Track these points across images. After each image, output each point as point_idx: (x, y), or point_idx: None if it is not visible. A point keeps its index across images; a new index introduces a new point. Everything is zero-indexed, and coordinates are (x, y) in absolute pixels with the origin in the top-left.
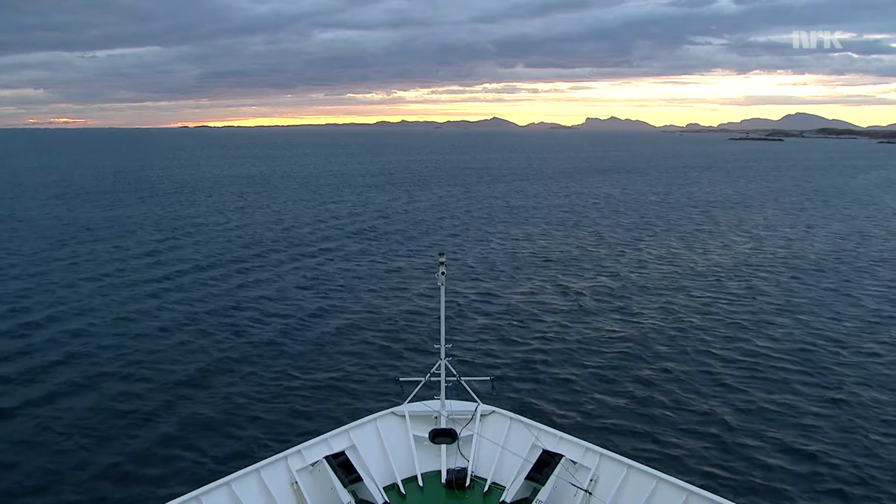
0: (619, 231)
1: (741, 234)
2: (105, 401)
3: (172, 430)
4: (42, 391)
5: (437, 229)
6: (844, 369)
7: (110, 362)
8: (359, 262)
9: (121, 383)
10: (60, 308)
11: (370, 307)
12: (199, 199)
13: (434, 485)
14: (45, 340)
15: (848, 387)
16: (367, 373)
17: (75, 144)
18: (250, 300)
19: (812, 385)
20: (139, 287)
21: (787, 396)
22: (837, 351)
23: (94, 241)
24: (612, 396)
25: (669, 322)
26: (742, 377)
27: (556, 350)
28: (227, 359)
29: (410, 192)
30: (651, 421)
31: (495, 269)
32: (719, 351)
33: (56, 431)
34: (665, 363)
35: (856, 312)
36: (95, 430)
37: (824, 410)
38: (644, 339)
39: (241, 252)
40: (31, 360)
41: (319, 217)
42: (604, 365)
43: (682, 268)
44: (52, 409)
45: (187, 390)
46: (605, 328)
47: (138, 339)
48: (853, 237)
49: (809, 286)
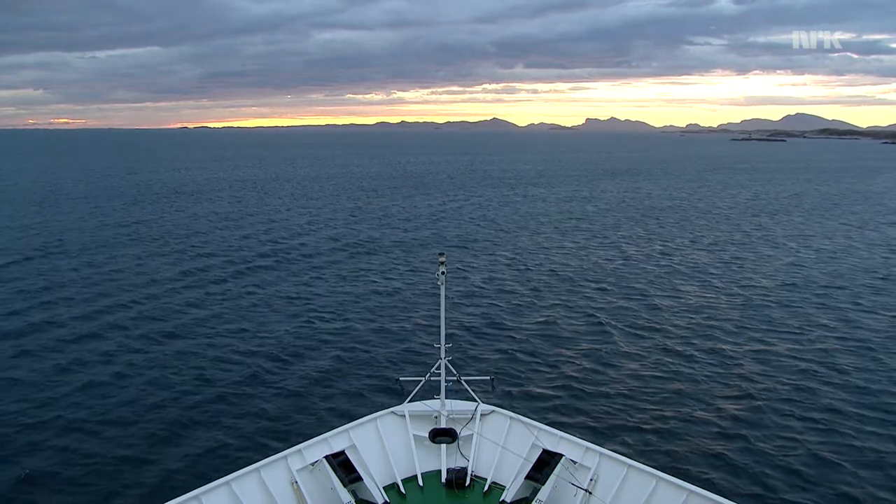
0: (611, 232)
1: (772, 245)
2: (105, 401)
3: (173, 429)
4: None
5: (438, 229)
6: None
7: (110, 363)
8: (359, 263)
9: (121, 383)
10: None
11: (370, 307)
12: (223, 198)
13: (434, 484)
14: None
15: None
16: (367, 373)
17: (73, 145)
18: (251, 301)
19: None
20: (139, 286)
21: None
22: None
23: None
24: (613, 396)
25: (673, 323)
26: (744, 377)
27: (557, 350)
28: (227, 359)
29: (411, 196)
30: (651, 421)
31: (495, 269)
32: (728, 348)
33: (56, 431)
34: (665, 364)
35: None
36: (95, 430)
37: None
38: (645, 339)
39: (241, 252)
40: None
41: (319, 217)
42: (604, 365)
43: (688, 266)
44: (51, 409)
45: (187, 390)
46: (605, 327)
47: (138, 340)
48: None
49: (858, 308)
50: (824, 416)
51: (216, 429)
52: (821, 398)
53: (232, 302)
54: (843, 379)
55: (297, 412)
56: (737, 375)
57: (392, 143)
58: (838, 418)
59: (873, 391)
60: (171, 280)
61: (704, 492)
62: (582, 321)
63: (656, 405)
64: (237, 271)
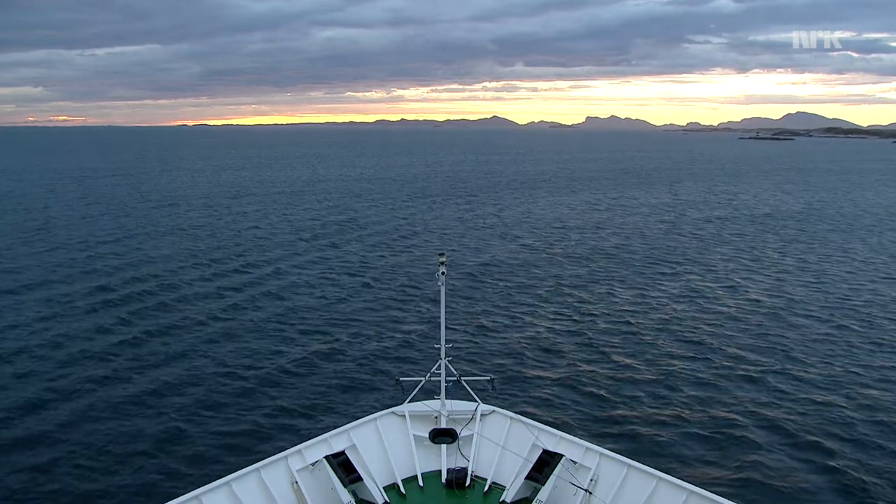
0: (603, 234)
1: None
2: (104, 401)
3: (172, 429)
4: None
5: (438, 231)
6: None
7: (110, 362)
8: (358, 263)
9: (120, 383)
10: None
11: (370, 307)
12: (221, 203)
13: (434, 484)
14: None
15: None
16: (367, 373)
17: (70, 143)
18: (250, 301)
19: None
20: (141, 283)
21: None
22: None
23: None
24: (613, 396)
25: (676, 323)
26: (757, 377)
27: (557, 350)
28: (227, 359)
29: (410, 196)
30: (651, 420)
31: (496, 269)
32: (735, 350)
33: (54, 432)
34: (667, 363)
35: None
36: (94, 430)
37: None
38: (646, 339)
39: (240, 253)
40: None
41: (317, 217)
42: (605, 365)
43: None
44: (49, 410)
45: (188, 390)
46: (606, 328)
47: (138, 339)
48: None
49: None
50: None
51: (216, 429)
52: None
53: (232, 302)
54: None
55: (297, 412)
56: (749, 382)
57: (394, 142)
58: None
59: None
60: (170, 280)
61: (704, 492)
62: (582, 321)
63: (656, 405)
64: (235, 270)
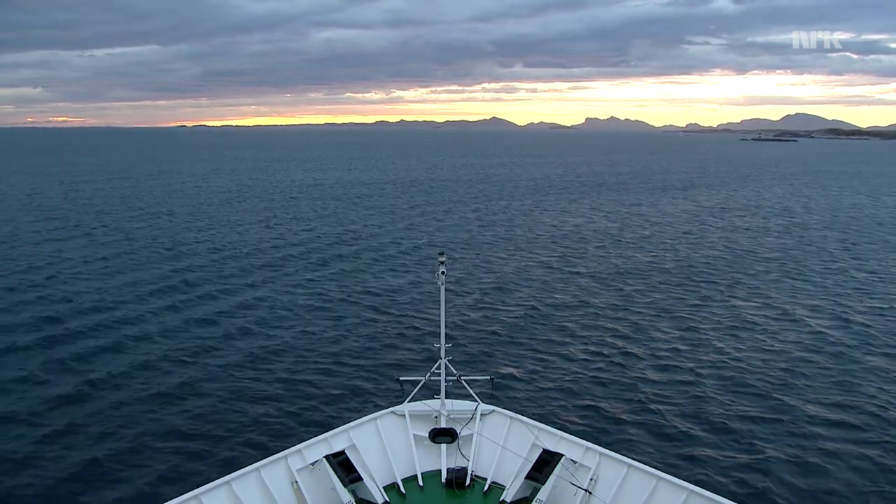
0: (600, 232)
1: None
2: (104, 401)
3: (173, 429)
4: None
5: (439, 230)
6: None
7: (109, 362)
8: (357, 263)
9: (120, 383)
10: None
11: (370, 307)
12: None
13: (434, 484)
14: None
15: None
16: (367, 373)
17: (70, 144)
18: (251, 302)
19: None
20: (143, 283)
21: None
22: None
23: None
24: (613, 396)
25: (677, 323)
26: (754, 378)
27: (558, 350)
28: (227, 359)
29: (409, 196)
30: (652, 420)
31: (496, 270)
32: (733, 352)
33: (53, 432)
34: (668, 362)
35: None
36: (94, 429)
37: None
38: (647, 340)
39: (241, 253)
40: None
41: (316, 217)
42: (605, 365)
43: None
44: (49, 411)
45: (188, 389)
46: (606, 329)
47: (137, 340)
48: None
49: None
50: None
51: (216, 429)
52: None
53: (231, 302)
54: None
55: (297, 412)
56: (751, 380)
57: (393, 142)
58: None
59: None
60: (169, 279)
61: (704, 492)
62: (583, 321)
63: (657, 406)
64: (234, 272)
